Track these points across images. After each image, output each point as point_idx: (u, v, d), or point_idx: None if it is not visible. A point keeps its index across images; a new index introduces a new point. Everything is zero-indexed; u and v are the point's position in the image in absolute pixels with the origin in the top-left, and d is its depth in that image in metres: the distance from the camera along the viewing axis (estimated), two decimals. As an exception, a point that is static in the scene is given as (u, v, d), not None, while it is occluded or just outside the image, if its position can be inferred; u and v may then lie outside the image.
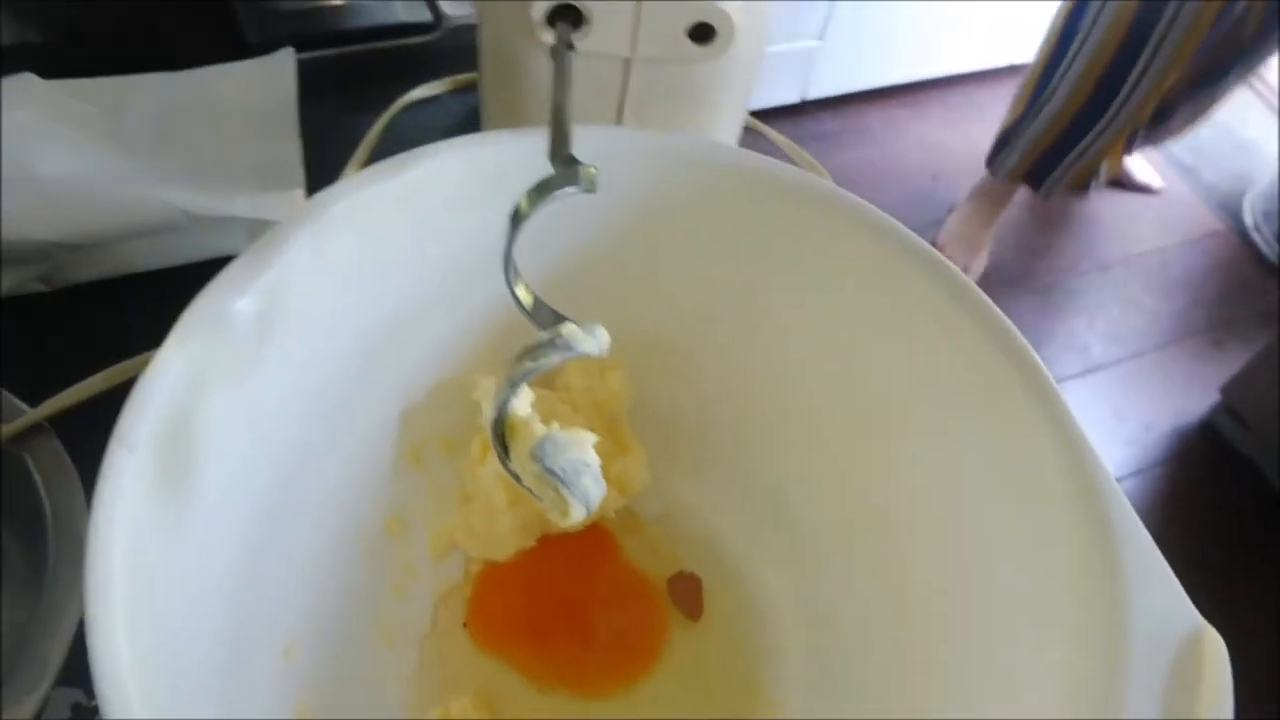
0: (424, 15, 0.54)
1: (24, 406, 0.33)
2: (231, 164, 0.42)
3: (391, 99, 0.50)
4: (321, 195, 0.29)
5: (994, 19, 1.71)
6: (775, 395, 0.36)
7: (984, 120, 1.82)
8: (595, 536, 0.37)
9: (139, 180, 0.40)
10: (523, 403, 0.22)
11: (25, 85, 0.44)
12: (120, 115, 0.44)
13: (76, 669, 0.30)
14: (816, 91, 1.69)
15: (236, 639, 0.28)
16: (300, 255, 0.29)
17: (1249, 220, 1.68)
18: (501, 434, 0.23)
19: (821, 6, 1.51)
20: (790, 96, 1.68)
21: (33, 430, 0.33)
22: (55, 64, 0.47)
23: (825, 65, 1.62)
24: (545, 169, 0.26)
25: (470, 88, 0.51)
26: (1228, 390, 1.38)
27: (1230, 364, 1.45)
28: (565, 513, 0.22)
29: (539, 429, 0.22)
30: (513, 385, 0.22)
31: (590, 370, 0.36)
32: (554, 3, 0.30)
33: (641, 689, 0.35)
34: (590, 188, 0.25)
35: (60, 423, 0.34)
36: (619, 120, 0.34)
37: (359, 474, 0.35)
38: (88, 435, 0.33)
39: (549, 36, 0.31)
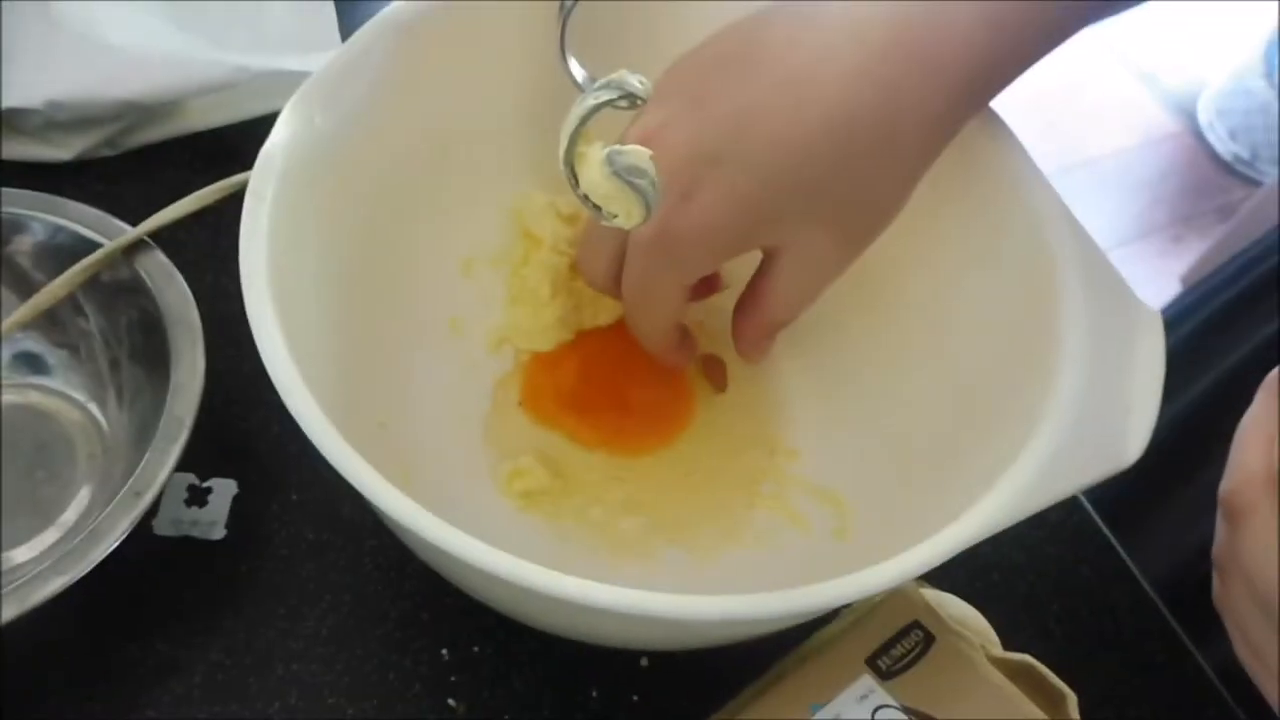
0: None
1: (126, 226, 0.38)
2: (272, 27, 0.47)
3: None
4: (387, 12, 0.34)
5: None
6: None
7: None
8: (627, 328, 0.42)
9: (197, 44, 0.45)
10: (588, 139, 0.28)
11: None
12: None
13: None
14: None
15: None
16: (373, 68, 0.34)
17: (1204, 120, 1.74)
18: (571, 164, 0.28)
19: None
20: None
21: (139, 245, 0.38)
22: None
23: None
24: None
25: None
26: (1186, 278, 1.45)
27: (1188, 256, 1.53)
28: (631, 214, 0.27)
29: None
30: (579, 120, 0.27)
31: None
32: None
33: (675, 448, 0.40)
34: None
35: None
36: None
37: (421, 278, 0.40)
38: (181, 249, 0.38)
39: None
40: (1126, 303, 0.31)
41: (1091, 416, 0.29)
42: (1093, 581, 0.41)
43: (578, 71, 0.31)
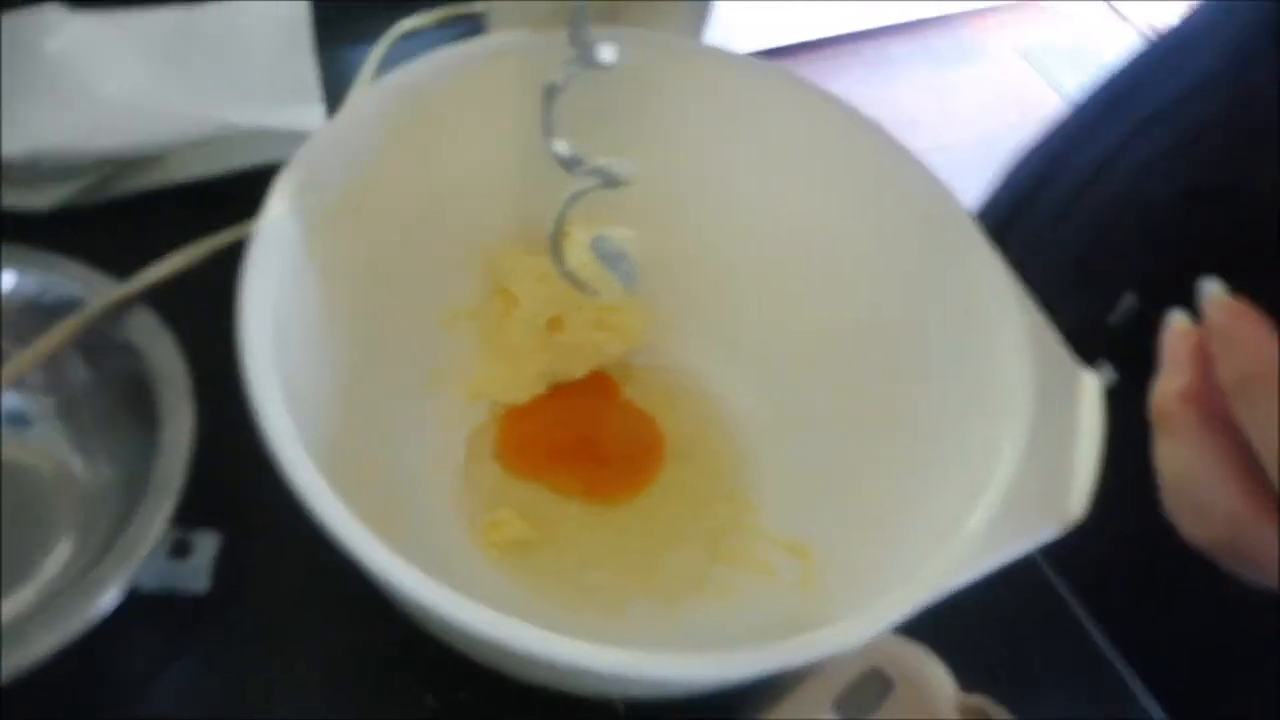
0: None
1: (114, 283, 0.39)
2: (255, 79, 0.48)
3: (381, 31, 0.56)
4: (382, 82, 0.36)
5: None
6: (740, 256, 0.44)
7: (900, 77, 1.91)
8: (599, 381, 0.44)
9: (180, 96, 0.46)
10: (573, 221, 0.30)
11: (56, 15, 0.48)
12: (149, 41, 0.49)
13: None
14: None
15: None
16: (366, 134, 0.36)
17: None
18: (558, 244, 0.30)
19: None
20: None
21: (126, 302, 0.38)
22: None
23: (723, 21, 1.68)
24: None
25: (460, 20, 0.57)
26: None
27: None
28: (611, 292, 0.29)
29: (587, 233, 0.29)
30: (568, 204, 0.29)
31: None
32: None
33: (644, 501, 0.42)
34: (611, 63, 0.32)
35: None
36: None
37: (404, 331, 0.42)
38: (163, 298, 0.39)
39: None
40: (1066, 366, 0.34)
41: (1035, 477, 0.31)
42: (1034, 618, 0.44)
43: (562, 150, 0.33)
